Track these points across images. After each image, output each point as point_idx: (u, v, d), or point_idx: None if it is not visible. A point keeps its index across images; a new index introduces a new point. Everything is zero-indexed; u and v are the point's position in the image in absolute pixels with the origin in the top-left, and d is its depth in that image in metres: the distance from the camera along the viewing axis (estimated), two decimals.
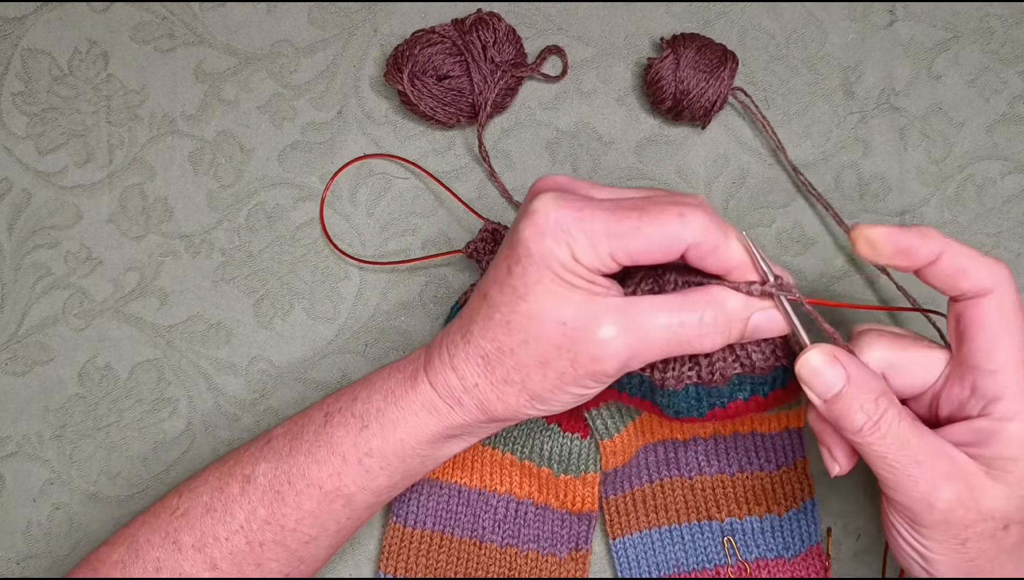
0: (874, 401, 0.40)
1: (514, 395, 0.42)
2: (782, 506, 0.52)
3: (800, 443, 0.53)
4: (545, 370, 0.41)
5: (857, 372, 0.40)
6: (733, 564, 0.53)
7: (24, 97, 0.58)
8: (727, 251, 0.40)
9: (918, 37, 0.58)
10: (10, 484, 0.55)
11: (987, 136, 0.57)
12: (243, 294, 0.57)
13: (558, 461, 0.53)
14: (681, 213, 0.39)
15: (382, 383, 0.45)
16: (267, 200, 0.57)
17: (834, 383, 0.40)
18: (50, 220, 0.57)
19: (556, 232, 0.39)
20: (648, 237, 0.39)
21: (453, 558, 0.53)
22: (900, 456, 0.40)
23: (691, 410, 0.47)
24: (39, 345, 0.56)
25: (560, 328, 0.40)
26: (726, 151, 0.57)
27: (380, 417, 0.44)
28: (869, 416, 0.40)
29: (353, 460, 0.44)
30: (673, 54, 0.55)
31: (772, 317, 0.42)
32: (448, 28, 0.56)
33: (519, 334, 0.41)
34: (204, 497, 0.45)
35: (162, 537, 0.44)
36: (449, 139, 0.58)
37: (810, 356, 0.41)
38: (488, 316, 0.41)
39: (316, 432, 0.45)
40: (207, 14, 0.59)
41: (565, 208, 0.39)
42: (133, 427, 0.56)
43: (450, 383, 0.43)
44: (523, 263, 0.40)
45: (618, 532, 0.53)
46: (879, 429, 0.40)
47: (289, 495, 0.44)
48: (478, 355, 0.42)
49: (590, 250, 0.39)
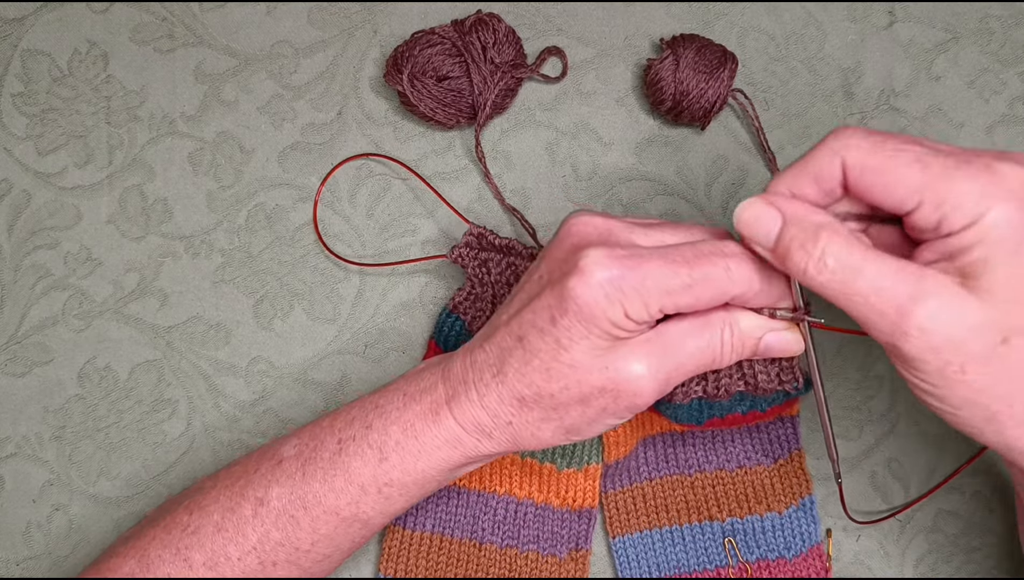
0: (813, 234, 0.37)
1: (550, 431, 0.43)
2: (782, 503, 0.52)
3: (794, 432, 0.53)
4: (585, 408, 0.41)
5: (793, 210, 0.38)
6: (734, 565, 0.53)
7: (24, 98, 0.58)
8: (770, 289, 0.41)
9: (918, 38, 0.58)
10: (9, 485, 0.55)
11: (987, 137, 0.57)
12: (243, 295, 0.57)
13: (561, 455, 0.53)
14: (727, 267, 0.40)
15: (398, 414, 0.44)
16: (267, 201, 0.57)
17: (771, 226, 0.39)
18: (50, 221, 0.57)
19: (610, 291, 0.39)
20: (699, 294, 0.40)
21: (453, 560, 0.53)
22: (858, 287, 0.36)
23: (691, 419, 0.48)
24: (39, 346, 0.56)
25: (603, 373, 0.40)
26: (726, 152, 0.57)
27: (400, 450, 0.43)
28: (809, 252, 0.37)
29: (372, 491, 0.44)
30: (673, 55, 0.55)
31: (783, 338, 0.42)
32: (448, 29, 0.56)
33: (560, 381, 0.41)
34: (215, 516, 0.45)
35: (173, 554, 0.44)
36: (449, 140, 0.58)
37: (744, 205, 0.39)
38: (525, 361, 0.41)
39: (331, 460, 0.44)
40: (207, 15, 0.59)
41: (616, 266, 0.39)
42: (133, 428, 0.56)
43: (480, 420, 0.43)
44: (570, 318, 0.40)
45: (618, 531, 0.53)
46: (825, 264, 0.37)
47: (304, 520, 0.44)
48: (513, 398, 0.42)
49: (642, 308, 0.39)
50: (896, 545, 0.53)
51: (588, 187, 0.57)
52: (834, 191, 0.39)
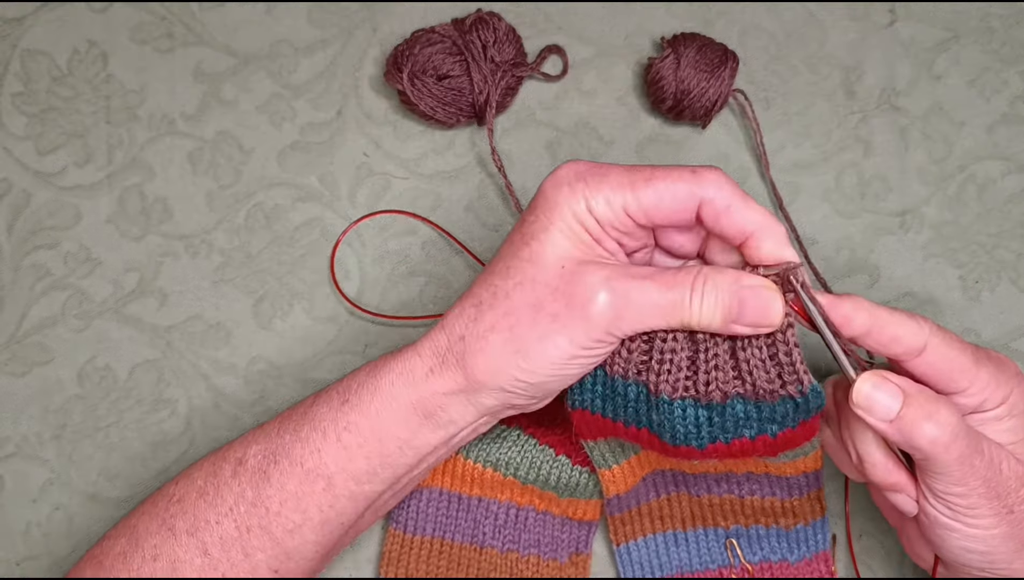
0: (947, 407, 0.41)
1: (499, 345, 0.41)
2: (791, 522, 0.51)
3: (817, 481, 0.51)
4: (537, 314, 0.40)
5: (908, 384, 0.41)
6: (736, 566, 0.52)
7: (23, 97, 0.58)
8: (744, 212, 0.40)
9: (919, 37, 0.58)
10: (9, 485, 0.55)
11: (988, 136, 0.57)
12: (242, 294, 0.57)
13: (565, 488, 0.52)
14: (694, 170, 0.40)
15: (371, 366, 0.45)
16: (266, 200, 0.57)
17: (892, 404, 0.41)
18: (49, 221, 0.57)
19: (573, 181, 0.41)
20: (660, 190, 0.40)
21: (453, 564, 0.53)
22: (970, 450, 0.41)
23: (690, 437, 0.42)
24: (38, 346, 0.56)
25: (558, 270, 0.40)
26: (727, 151, 0.57)
27: (359, 390, 0.44)
28: (941, 423, 0.40)
29: (332, 436, 0.44)
30: (674, 54, 0.54)
31: (760, 296, 0.40)
32: (448, 28, 0.56)
33: (516, 276, 0.41)
34: (199, 482, 0.45)
35: (159, 524, 0.45)
36: (449, 139, 0.58)
37: (860, 384, 0.41)
38: (490, 268, 0.42)
39: (303, 412, 0.45)
40: (206, 14, 0.59)
41: (583, 163, 0.41)
42: (132, 428, 0.56)
43: (436, 342, 0.43)
44: (537, 211, 0.41)
45: (622, 539, 0.53)
46: (957, 434, 0.41)
47: (274, 475, 0.44)
48: (471, 305, 0.42)
49: (603, 202, 0.40)
50: (897, 545, 0.53)
51: None
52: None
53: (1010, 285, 0.56)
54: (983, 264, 0.56)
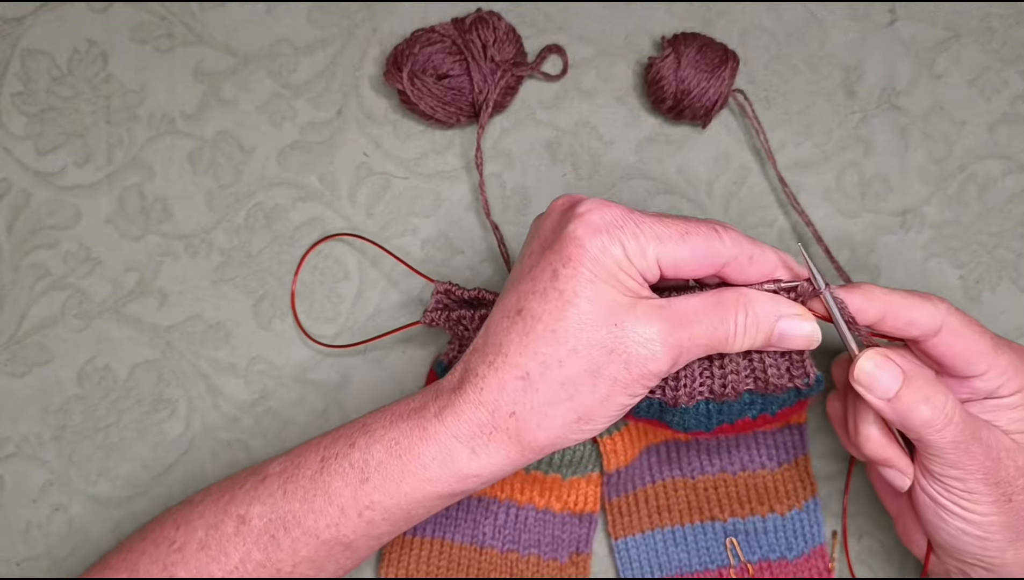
0: (943, 393, 0.41)
1: (560, 416, 0.40)
2: (784, 505, 0.52)
3: (801, 439, 0.53)
4: (596, 380, 0.39)
5: (911, 366, 0.42)
6: (736, 565, 0.52)
7: (23, 97, 0.58)
8: (764, 256, 0.42)
9: (919, 36, 0.58)
10: (9, 485, 0.55)
11: (988, 135, 0.57)
12: (242, 294, 0.56)
13: (568, 466, 0.52)
14: (715, 228, 0.41)
15: (383, 433, 0.42)
16: (266, 200, 0.57)
17: (891, 383, 0.42)
18: (49, 220, 0.57)
19: (611, 228, 0.40)
20: (693, 246, 0.40)
21: (454, 564, 0.53)
22: (964, 436, 0.42)
23: (700, 426, 0.46)
24: (38, 346, 0.56)
25: (612, 330, 0.39)
26: (727, 150, 0.57)
27: (382, 470, 0.41)
28: (936, 406, 0.41)
29: (353, 514, 0.42)
30: (674, 53, 0.54)
31: (798, 327, 0.43)
32: (448, 27, 0.56)
33: (567, 343, 0.39)
34: (199, 532, 0.43)
35: (160, 569, 0.43)
36: (449, 138, 0.58)
37: (863, 362, 0.42)
38: (527, 331, 0.39)
39: (312, 479, 0.43)
40: (206, 14, 0.59)
41: (615, 209, 0.40)
42: (132, 428, 0.55)
43: (478, 420, 0.40)
44: (574, 263, 0.39)
45: (620, 533, 0.53)
46: (951, 418, 0.41)
47: (285, 542, 0.42)
48: (516, 377, 0.39)
49: (639, 252, 0.40)
50: (897, 544, 0.53)
51: (589, 185, 0.57)
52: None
53: (1011, 285, 0.56)
54: (984, 264, 0.56)
